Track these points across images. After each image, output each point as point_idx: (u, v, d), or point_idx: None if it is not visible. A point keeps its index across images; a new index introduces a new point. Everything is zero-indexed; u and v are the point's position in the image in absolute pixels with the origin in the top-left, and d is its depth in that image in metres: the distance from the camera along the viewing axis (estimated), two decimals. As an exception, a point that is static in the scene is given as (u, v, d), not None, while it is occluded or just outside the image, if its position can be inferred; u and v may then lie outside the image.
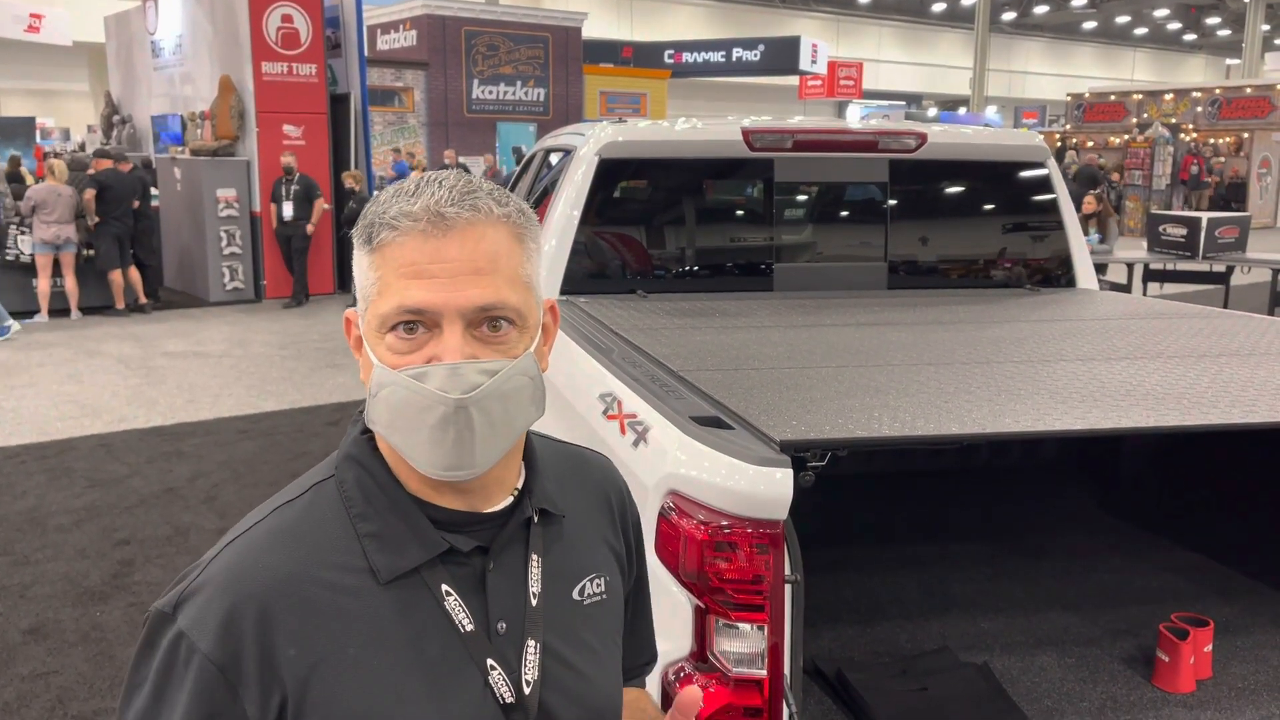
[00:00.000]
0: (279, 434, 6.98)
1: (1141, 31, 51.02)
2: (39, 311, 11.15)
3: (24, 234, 11.02)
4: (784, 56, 30.83)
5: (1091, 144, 25.12)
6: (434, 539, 1.02)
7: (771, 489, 1.72)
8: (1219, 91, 26.85)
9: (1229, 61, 50.97)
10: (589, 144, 3.63)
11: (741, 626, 1.74)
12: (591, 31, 26.49)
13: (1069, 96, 29.89)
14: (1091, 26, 49.46)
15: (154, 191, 12.75)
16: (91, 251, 11.43)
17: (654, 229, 3.82)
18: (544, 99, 22.65)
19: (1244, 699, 2.47)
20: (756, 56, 30.98)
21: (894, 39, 46.63)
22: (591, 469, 1.24)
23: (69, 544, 5.07)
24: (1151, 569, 3.22)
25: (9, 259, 11.11)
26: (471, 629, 1.02)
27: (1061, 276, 4.02)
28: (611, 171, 3.65)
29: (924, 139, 3.77)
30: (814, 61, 31.39)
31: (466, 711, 1.00)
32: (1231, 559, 3.22)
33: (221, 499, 5.72)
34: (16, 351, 9.66)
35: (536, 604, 1.07)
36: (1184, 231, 10.08)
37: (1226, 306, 9.58)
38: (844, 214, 4.03)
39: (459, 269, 0.98)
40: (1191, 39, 52.41)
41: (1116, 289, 9.26)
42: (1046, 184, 3.97)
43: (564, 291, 3.50)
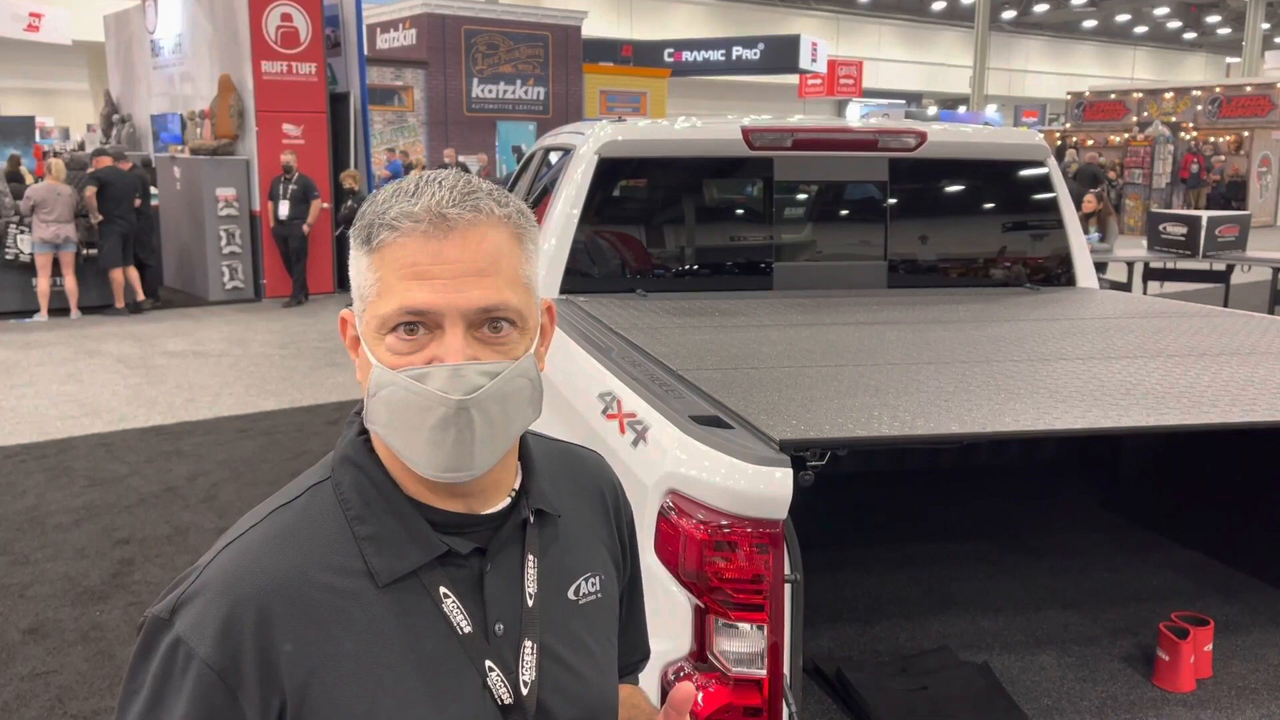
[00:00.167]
0: (278, 433, 6.98)
1: (1141, 30, 50.99)
2: (39, 311, 11.15)
3: (23, 233, 11.02)
4: (784, 55, 30.82)
5: (1091, 142, 25.11)
6: (432, 541, 1.02)
7: (771, 488, 1.72)
8: (1219, 90, 26.84)
9: (1229, 60, 50.93)
10: (588, 143, 3.63)
11: (741, 626, 1.74)
12: (591, 30, 26.48)
13: (1069, 95, 29.87)
14: (1091, 25, 49.45)
15: (153, 190, 12.75)
16: (92, 251, 11.43)
17: (653, 228, 3.82)
18: (544, 98, 22.65)
19: (1244, 698, 2.47)
20: (756, 55, 30.97)
21: (894, 37, 46.61)
22: (586, 467, 1.24)
23: (68, 543, 5.07)
24: (1151, 568, 3.22)
25: (8, 258, 11.11)
26: (470, 631, 1.02)
27: (1061, 275, 4.02)
28: (611, 170, 3.64)
29: (924, 138, 3.76)
30: (814, 60, 31.38)
31: (465, 713, 1.01)
32: (1231, 558, 3.22)
33: (221, 498, 5.72)
34: (16, 351, 9.65)
35: (533, 605, 1.07)
36: (1184, 230, 10.08)
37: (1226, 305, 9.58)
38: (844, 213, 4.02)
39: (461, 270, 0.98)
40: (1192, 37, 52.40)
41: (1116, 288, 9.26)
42: (1046, 183, 3.97)
43: (563, 290, 3.49)
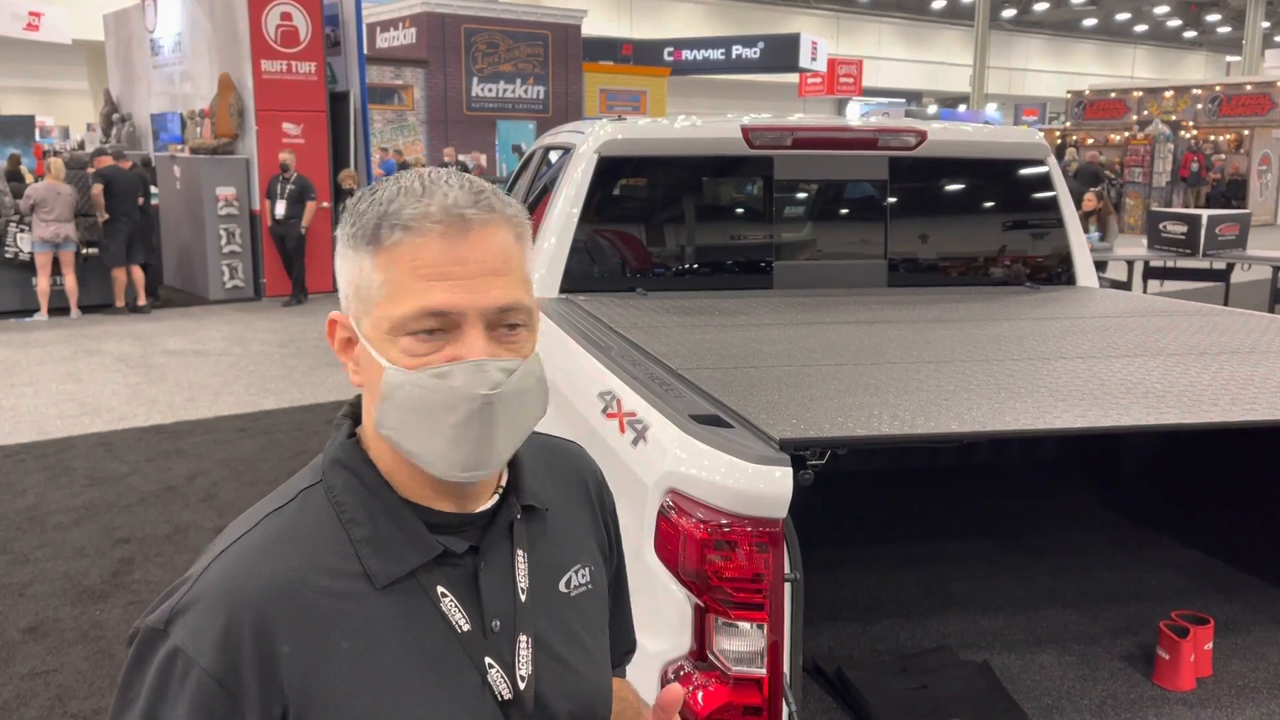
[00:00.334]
0: (278, 432, 6.98)
1: (1142, 28, 50.98)
2: (39, 310, 11.15)
3: (23, 232, 11.01)
4: (784, 54, 30.81)
5: (1091, 141, 25.11)
6: (429, 542, 1.02)
7: (771, 487, 1.72)
8: (1219, 88, 26.84)
9: (1229, 58, 50.91)
10: (588, 142, 3.63)
11: (741, 625, 1.74)
12: (591, 29, 26.48)
13: (1069, 94, 29.87)
14: (1092, 23, 49.43)
15: (154, 190, 12.75)
16: (92, 250, 11.43)
17: (653, 227, 3.82)
18: (544, 97, 22.64)
19: (1244, 696, 2.46)
20: (756, 54, 30.96)
21: (894, 36, 46.60)
22: (568, 458, 1.24)
23: (68, 542, 5.07)
24: (1151, 566, 3.22)
25: (8, 257, 11.11)
26: (468, 629, 1.02)
27: (1061, 274, 4.02)
28: (611, 169, 3.64)
29: (924, 136, 3.76)
30: (814, 59, 31.36)
31: (467, 711, 1.01)
32: (1232, 557, 3.22)
33: (221, 497, 5.72)
34: (16, 350, 9.65)
35: (526, 600, 1.07)
36: (1184, 229, 10.07)
37: (1227, 304, 9.57)
38: (844, 212, 4.02)
39: (479, 270, 0.98)
40: (1192, 36, 52.39)
41: (1116, 286, 9.26)
42: (1047, 181, 3.97)
43: (563, 290, 3.49)
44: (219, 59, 13.13)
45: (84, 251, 11.33)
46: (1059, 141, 25.05)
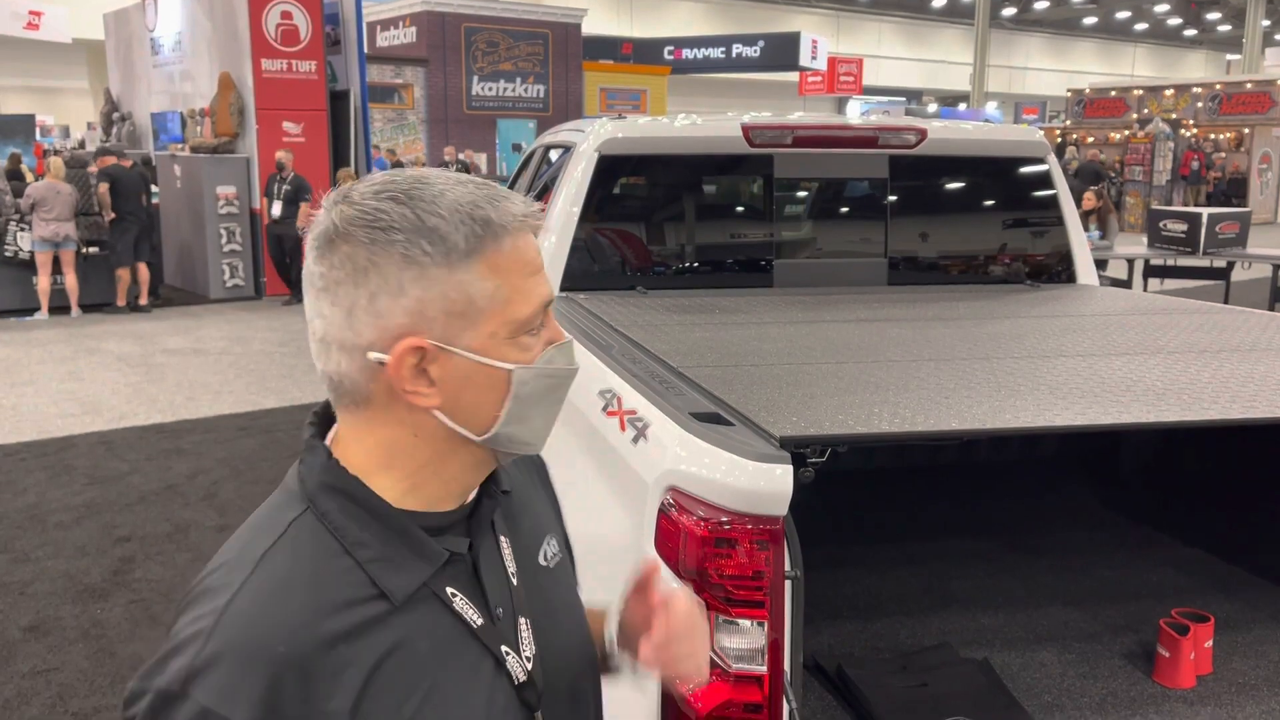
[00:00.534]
0: (279, 431, 6.98)
1: (1142, 27, 50.98)
2: (39, 309, 11.15)
3: (23, 231, 11.02)
4: (784, 52, 30.81)
5: (1092, 140, 25.11)
6: (434, 550, 1.02)
7: (771, 485, 1.72)
8: (1219, 87, 26.84)
9: (1229, 57, 50.89)
10: (589, 140, 3.63)
11: (741, 623, 1.74)
12: (591, 28, 26.48)
13: (1069, 92, 29.88)
14: (1092, 22, 49.43)
15: (154, 189, 12.76)
16: (93, 249, 11.44)
17: (654, 225, 3.82)
18: (544, 95, 22.64)
19: (1244, 694, 2.47)
20: (756, 52, 30.96)
21: (894, 34, 46.60)
22: None
23: (69, 541, 5.08)
24: (1152, 564, 3.22)
25: (8, 255, 11.12)
26: (481, 623, 1.04)
27: (1062, 272, 4.02)
28: (611, 168, 3.64)
29: (924, 135, 3.76)
30: (814, 57, 31.37)
31: (495, 700, 1.03)
32: (1232, 554, 3.22)
33: (221, 496, 5.72)
34: (17, 349, 9.66)
35: (517, 583, 1.10)
36: (1184, 227, 10.08)
37: (1227, 302, 9.57)
38: (844, 210, 4.02)
39: (542, 258, 1.06)
40: (1192, 34, 52.38)
41: (1117, 285, 9.26)
42: (1047, 180, 3.97)
43: (564, 288, 3.49)
44: (219, 58, 13.13)
45: (84, 251, 11.34)
46: (1059, 140, 25.05)
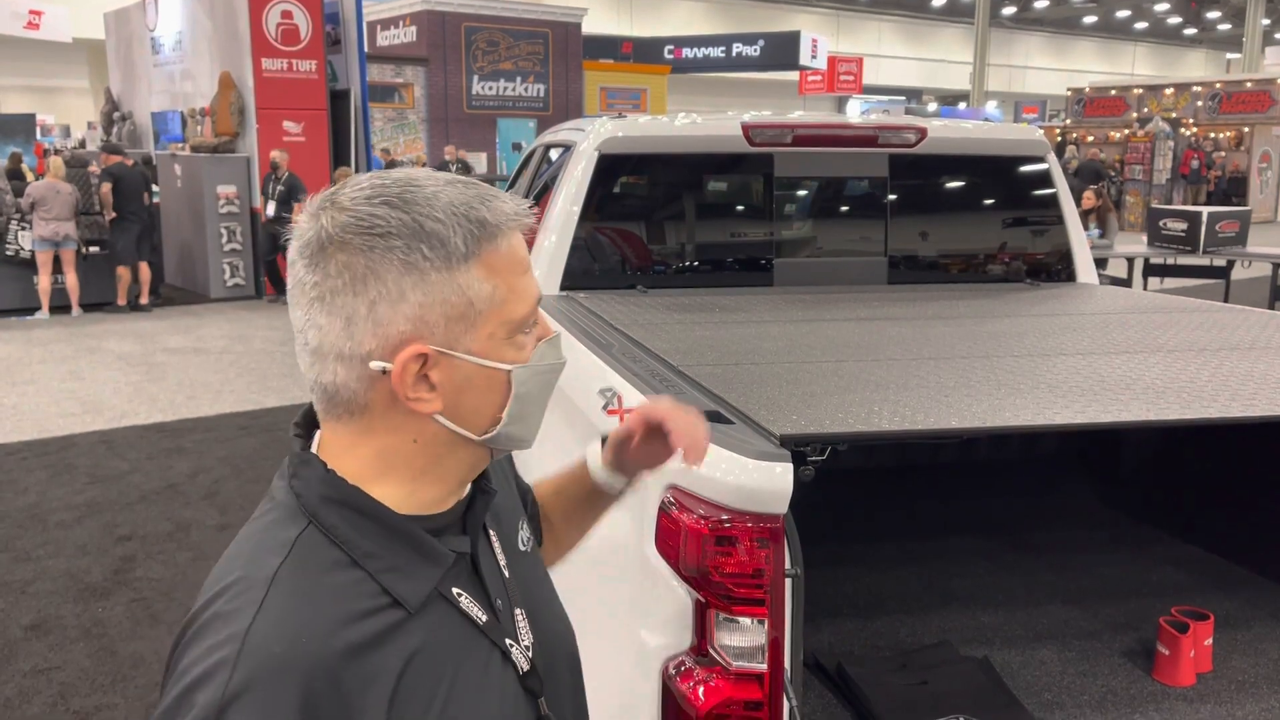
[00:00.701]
0: (280, 430, 6.98)
1: (1142, 26, 50.96)
2: (40, 308, 11.16)
3: (24, 230, 11.03)
4: (784, 52, 30.79)
5: (1092, 139, 25.10)
6: (442, 553, 1.02)
7: (771, 483, 1.72)
8: (1219, 86, 26.83)
9: (1229, 56, 50.91)
10: (589, 139, 3.63)
11: (742, 620, 1.74)
12: (591, 27, 26.46)
13: (1069, 91, 29.87)
14: (1092, 21, 49.40)
15: (155, 188, 12.76)
16: (94, 249, 11.44)
17: (654, 224, 3.82)
18: (544, 95, 22.64)
19: (1244, 692, 2.47)
20: (756, 52, 30.94)
21: (894, 34, 46.58)
22: None
23: (70, 540, 5.08)
24: (1151, 563, 3.22)
25: (9, 254, 11.12)
26: (486, 619, 1.04)
27: (1062, 271, 4.02)
28: (611, 167, 3.64)
29: (924, 134, 3.76)
30: (814, 57, 31.34)
31: (506, 693, 1.05)
32: (1231, 553, 3.22)
33: (223, 495, 5.72)
34: (18, 348, 9.66)
35: (510, 575, 1.12)
36: (1184, 226, 10.08)
37: (1227, 301, 9.58)
38: (844, 209, 4.02)
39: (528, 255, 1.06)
40: (1192, 33, 52.35)
41: (1116, 284, 9.26)
42: (1047, 178, 3.97)
43: (564, 287, 3.50)
44: (219, 57, 13.13)
45: (84, 250, 11.33)
46: (1059, 139, 25.05)
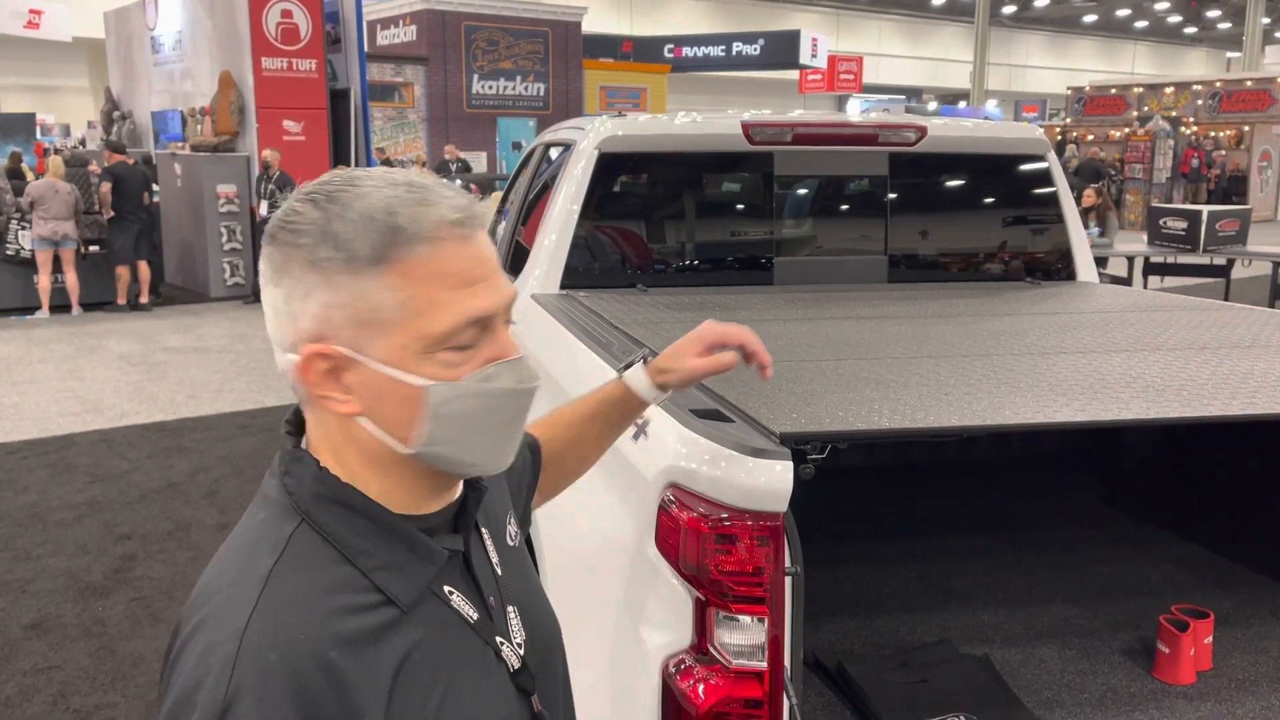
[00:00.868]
0: (280, 429, 6.98)
1: (1142, 25, 50.95)
2: (40, 307, 11.16)
3: (24, 229, 11.03)
4: (784, 51, 30.79)
5: (1092, 137, 25.10)
6: (435, 551, 1.02)
7: (771, 481, 1.72)
8: (1219, 85, 26.82)
9: (1229, 55, 50.88)
10: (588, 138, 3.63)
11: (742, 619, 1.74)
12: (591, 26, 26.46)
13: (1069, 90, 29.86)
14: (1092, 20, 49.39)
15: (155, 187, 12.76)
16: (94, 248, 11.43)
17: (654, 223, 3.82)
18: (544, 94, 22.63)
19: (1244, 690, 2.47)
20: (756, 51, 30.94)
21: (894, 33, 46.57)
22: None
23: (70, 539, 5.08)
24: (1151, 561, 3.22)
25: (9, 254, 11.13)
26: (477, 616, 1.04)
27: (1062, 269, 4.02)
28: (611, 166, 3.64)
29: (924, 132, 3.76)
30: (814, 56, 31.34)
31: (497, 690, 1.04)
32: (1232, 551, 3.22)
33: (223, 494, 5.73)
34: (18, 347, 9.66)
35: (502, 572, 1.11)
36: (1184, 225, 10.07)
37: (1227, 299, 9.58)
38: (844, 207, 4.02)
39: (493, 267, 0.98)
40: (1192, 32, 52.35)
41: (1117, 282, 9.26)
42: (1047, 177, 3.97)
43: (564, 286, 3.50)
44: (219, 56, 13.13)
45: (83, 250, 11.33)
46: (1059, 138, 25.04)
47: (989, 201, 4.04)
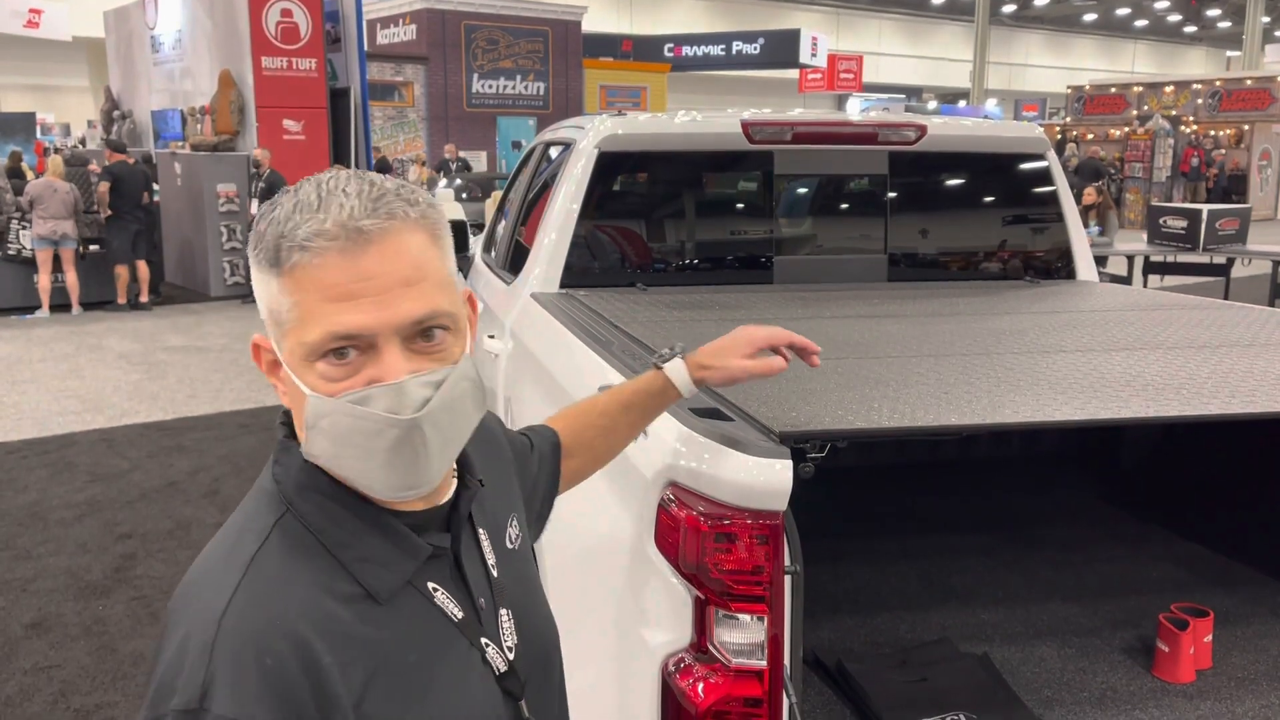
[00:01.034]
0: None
1: (1142, 23, 50.93)
2: (40, 307, 11.16)
3: (25, 229, 11.03)
4: (784, 50, 30.78)
5: (1092, 136, 25.09)
6: (418, 546, 1.02)
7: (771, 480, 1.72)
8: (1219, 83, 26.82)
9: (1229, 53, 50.88)
10: (588, 137, 3.63)
11: (741, 617, 1.74)
12: (591, 25, 26.46)
13: (1069, 89, 29.85)
14: (1092, 19, 49.38)
15: (155, 186, 12.76)
16: (94, 247, 11.43)
17: (654, 222, 3.82)
18: (544, 93, 22.64)
19: (1244, 689, 2.47)
20: (756, 50, 30.94)
21: (894, 32, 46.56)
22: (485, 423, 1.27)
23: (70, 538, 5.08)
24: (1151, 559, 3.22)
25: (10, 253, 11.13)
26: (462, 616, 1.04)
27: (1061, 268, 4.02)
28: (611, 165, 3.64)
29: (924, 131, 3.76)
30: (814, 55, 31.34)
31: (479, 691, 1.04)
32: (1231, 550, 3.22)
33: (223, 493, 5.73)
34: (18, 346, 9.66)
35: (497, 574, 1.11)
36: (1184, 224, 10.07)
37: (1227, 298, 9.58)
38: (844, 206, 4.02)
39: (387, 284, 0.92)
40: (1192, 31, 52.34)
41: (1117, 281, 9.26)
42: (1047, 176, 3.97)
43: (563, 285, 3.50)
44: (219, 56, 13.13)
45: (83, 249, 11.32)
46: (1059, 137, 25.04)
47: (989, 200, 4.04)
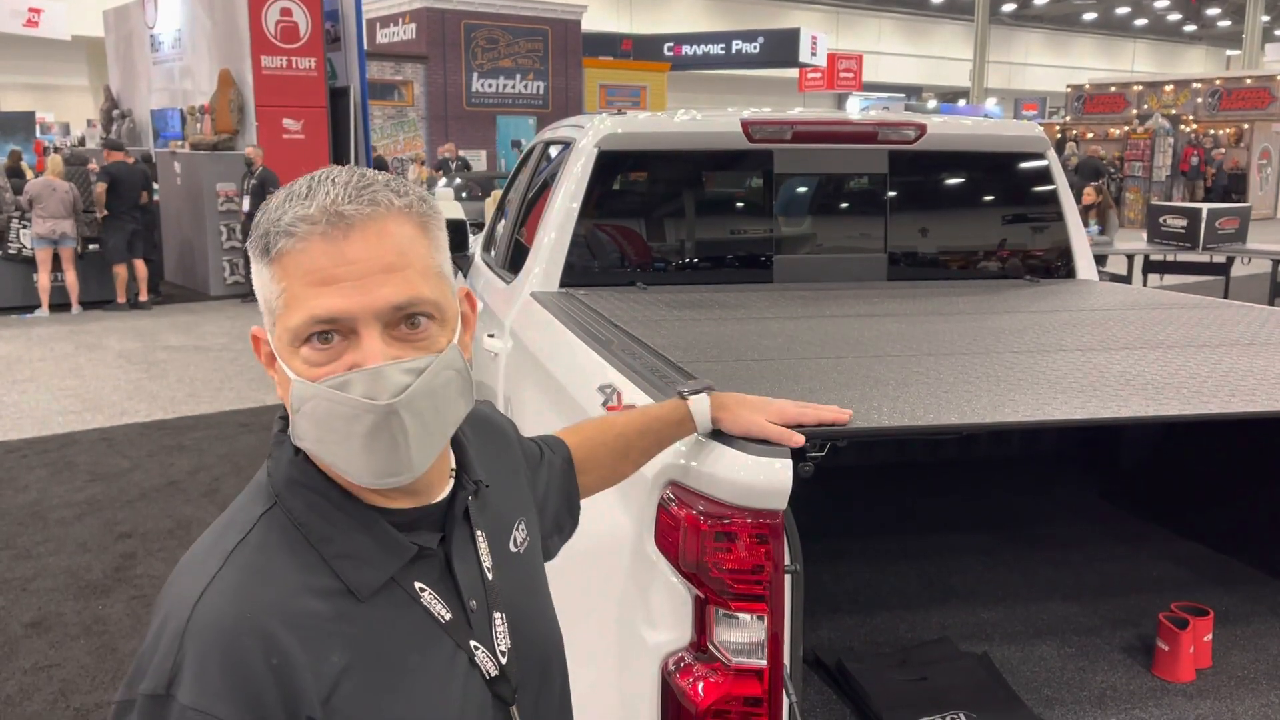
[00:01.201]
0: (280, 428, 6.99)
1: (1142, 23, 50.93)
2: (40, 306, 11.16)
3: (25, 228, 11.03)
4: (784, 49, 30.78)
5: (1091, 135, 25.10)
6: (402, 544, 1.01)
7: (771, 479, 1.72)
8: (1219, 83, 26.82)
9: (1229, 53, 50.91)
10: (588, 136, 3.63)
11: (741, 617, 1.74)
12: (591, 24, 26.45)
13: (1069, 88, 29.86)
14: (1091, 18, 49.37)
15: (154, 186, 12.76)
16: (93, 247, 11.43)
17: (653, 221, 3.82)
18: (543, 92, 22.63)
19: (1244, 688, 2.47)
20: (756, 49, 30.93)
21: (894, 31, 46.55)
22: (495, 423, 1.28)
23: (71, 537, 5.08)
24: (1151, 558, 3.22)
25: (11, 253, 11.12)
26: (450, 617, 1.03)
27: (1061, 267, 4.02)
28: (611, 164, 3.64)
29: (923, 130, 3.76)
30: (814, 54, 31.33)
31: (464, 694, 1.03)
32: (1232, 549, 3.22)
33: (223, 492, 5.73)
34: (18, 346, 9.66)
35: (493, 577, 1.10)
36: (1184, 223, 10.08)
37: (1226, 297, 9.58)
38: (844, 205, 4.02)
39: (368, 269, 0.94)
40: (1191, 30, 52.33)
41: (1116, 280, 9.26)
42: (1046, 175, 3.97)
43: (563, 284, 3.50)
44: (219, 55, 13.13)
45: (80, 249, 11.32)
46: (1059, 136, 25.04)
47: (989, 199, 4.04)
